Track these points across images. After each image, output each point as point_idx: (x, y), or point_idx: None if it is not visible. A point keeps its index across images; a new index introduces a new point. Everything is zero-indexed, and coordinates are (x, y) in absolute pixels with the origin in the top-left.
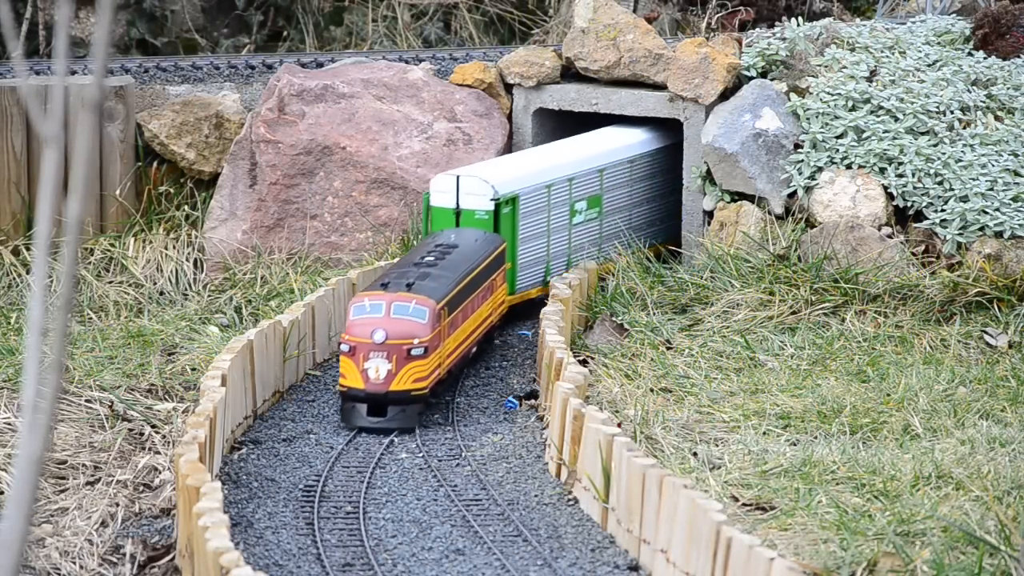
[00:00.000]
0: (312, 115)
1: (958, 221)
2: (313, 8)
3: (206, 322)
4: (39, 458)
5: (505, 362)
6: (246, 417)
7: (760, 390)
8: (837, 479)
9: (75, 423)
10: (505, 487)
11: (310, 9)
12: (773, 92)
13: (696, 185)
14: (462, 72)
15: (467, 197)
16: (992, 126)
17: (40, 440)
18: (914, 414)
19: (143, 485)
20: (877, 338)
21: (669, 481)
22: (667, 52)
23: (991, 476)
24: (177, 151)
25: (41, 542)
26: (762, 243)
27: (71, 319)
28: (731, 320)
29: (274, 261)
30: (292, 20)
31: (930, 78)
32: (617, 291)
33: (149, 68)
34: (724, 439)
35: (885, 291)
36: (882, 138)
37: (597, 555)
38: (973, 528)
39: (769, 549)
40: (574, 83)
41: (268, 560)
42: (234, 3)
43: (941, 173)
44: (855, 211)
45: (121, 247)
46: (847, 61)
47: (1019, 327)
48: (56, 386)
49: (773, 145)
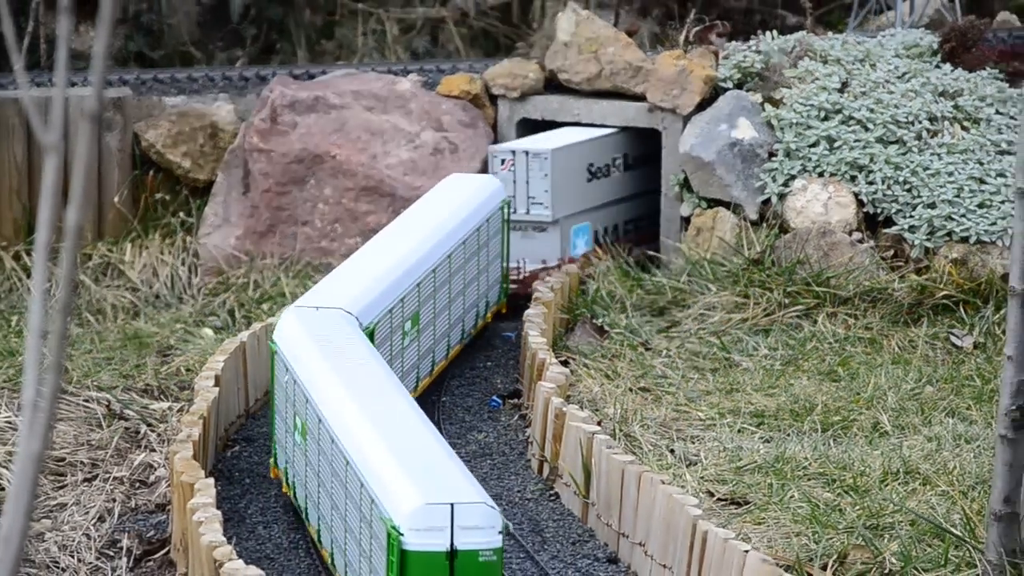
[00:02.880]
0: (304, 125)
1: (926, 227)
2: (305, 22)
3: (200, 325)
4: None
5: (489, 362)
6: (239, 416)
7: (735, 389)
8: (809, 475)
9: (73, 422)
10: (489, 483)
11: (302, 23)
12: (748, 103)
13: (674, 192)
14: (448, 84)
15: None
16: (959, 135)
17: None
18: (883, 412)
19: (139, 482)
20: (848, 339)
21: (647, 477)
22: (647, 64)
23: (957, 472)
24: (173, 160)
25: (41, 536)
26: (737, 248)
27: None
28: (707, 322)
29: (266, 266)
30: (284, 33)
31: (899, 89)
32: (597, 294)
33: (146, 80)
34: (700, 437)
35: (855, 294)
36: (853, 147)
37: (577, 548)
38: (939, 521)
39: (743, 542)
40: (557, 94)
41: (260, 553)
42: (229, 17)
43: (909, 181)
44: (827, 217)
45: (118, 252)
46: (820, 73)
47: (983, 329)
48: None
49: (748, 154)
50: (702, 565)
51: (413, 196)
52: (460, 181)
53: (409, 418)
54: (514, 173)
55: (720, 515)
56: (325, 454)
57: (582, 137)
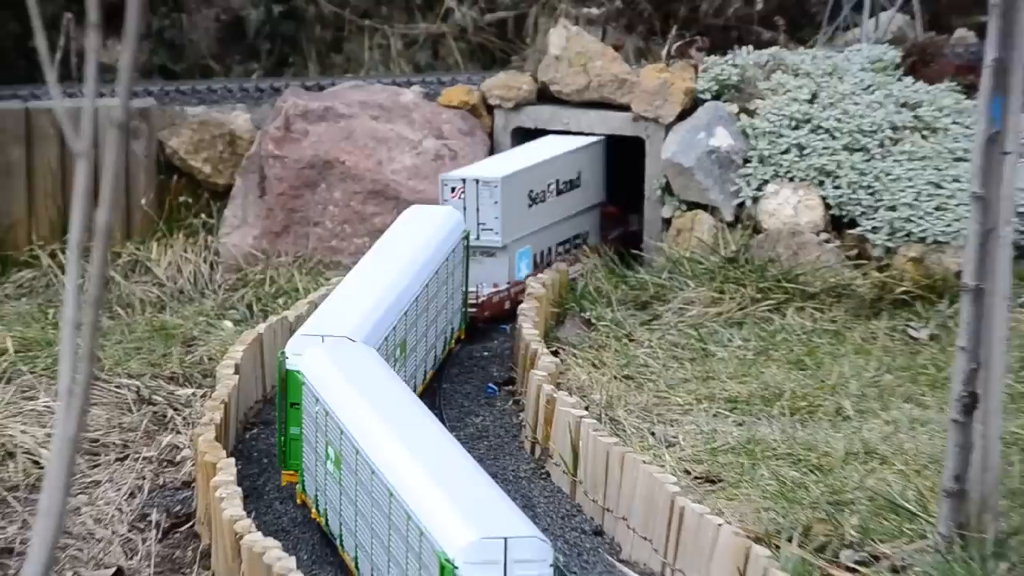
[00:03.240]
0: (315, 133)
1: (887, 228)
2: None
3: (221, 317)
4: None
5: (486, 352)
6: (257, 401)
7: (711, 377)
8: (777, 455)
9: (106, 406)
10: (486, 463)
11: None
12: (725, 113)
13: (656, 196)
14: (448, 95)
15: None
16: (918, 144)
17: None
18: (845, 398)
19: (166, 461)
20: (814, 331)
21: (630, 457)
22: (631, 77)
23: (912, 452)
24: (195, 165)
25: (77, 511)
26: (714, 247)
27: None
28: (686, 315)
29: (281, 263)
30: (297, 48)
31: (864, 101)
32: (585, 290)
33: (169, 91)
34: (678, 420)
35: (822, 290)
36: (821, 154)
37: (566, 521)
38: (895, 498)
39: (717, 517)
40: (548, 104)
41: (277, 527)
42: (245, 33)
43: (872, 185)
44: (796, 219)
45: (146, 251)
46: (791, 85)
47: (939, 322)
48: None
49: (725, 160)
50: (679, 537)
51: (416, 199)
52: (423, 213)
53: (449, 449)
54: (464, 201)
55: (696, 492)
56: (363, 484)
57: (528, 163)
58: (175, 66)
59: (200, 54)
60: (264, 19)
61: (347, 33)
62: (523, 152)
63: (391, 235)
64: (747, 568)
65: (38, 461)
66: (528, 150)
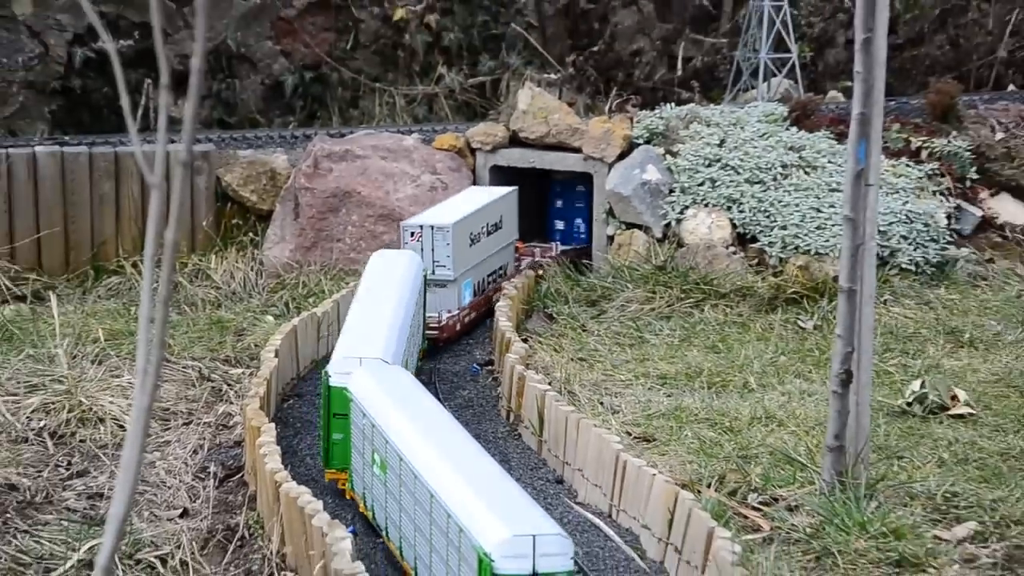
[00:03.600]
0: (337, 170)
1: (780, 243)
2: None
3: (264, 313)
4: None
5: (471, 340)
6: (292, 379)
7: (646, 359)
8: (698, 420)
9: (175, 382)
10: (471, 427)
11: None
12: (654, 154)
13: (602, 218)
14: (441, 140)
15: None
16: (802, 178)
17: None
18: (750, 375)
19: (222, 425)
20: (725, 323)
21: (584, 422)
22: (582, 126)
23: (802, 417)
24: (244, 195)
25: (152, 464)
26: (647, 258)
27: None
28: (626, 311)
29: (311, 271)
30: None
31: (761, 145)
32: (548, 291)
33: (225, 138)
34: (621, 393)
35: (731, 291)
36: (728, 186)
37: (534, 473)
38: (790, 452)
39: (652, 468)
40: (518, 147)
41: (307, 477)
42: (283, 93)
43: (768, 210)
44: (710, 236)
45: (206, 261)
46: (704, 133)
47: (821, 315)
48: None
49: (655, 191)
50: (623, 484)
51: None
52: (392, 256)
53: (480, 457)
54: (421, 242)
55: (635, 449)
56: (407, 486)
57: (468, 210)
58: (229, 119)
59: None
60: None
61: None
62: (461, 201)
63: (374, 275)
64: (675, 508)
65: (122, 425)
66: (464, 199)
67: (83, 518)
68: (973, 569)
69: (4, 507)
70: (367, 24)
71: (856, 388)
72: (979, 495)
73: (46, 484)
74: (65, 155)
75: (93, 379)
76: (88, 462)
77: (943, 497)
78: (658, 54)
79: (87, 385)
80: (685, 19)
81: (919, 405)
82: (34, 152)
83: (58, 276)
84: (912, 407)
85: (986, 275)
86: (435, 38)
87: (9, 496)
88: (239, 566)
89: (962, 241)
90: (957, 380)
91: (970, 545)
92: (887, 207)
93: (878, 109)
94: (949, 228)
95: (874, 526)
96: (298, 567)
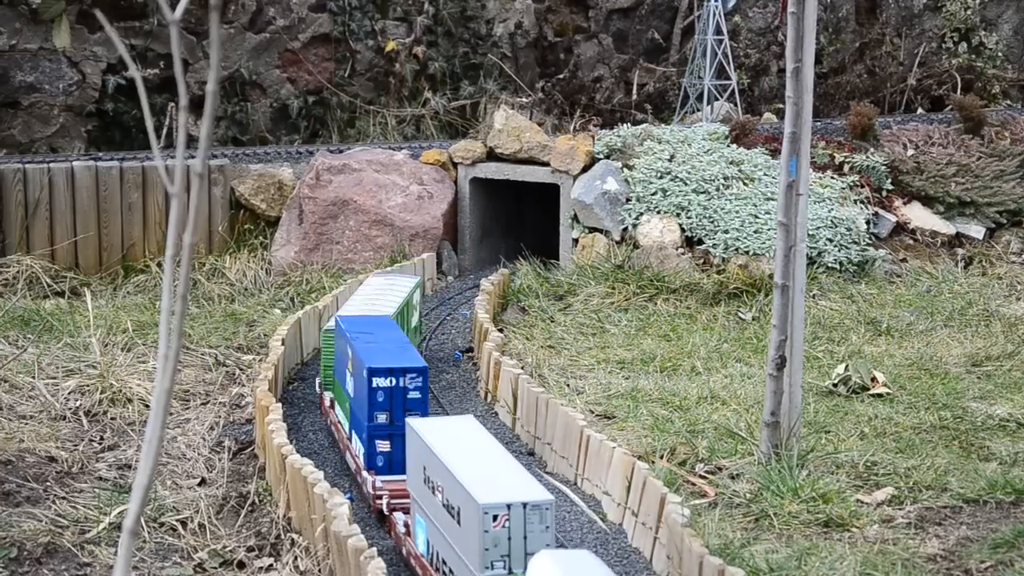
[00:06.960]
0: (336, 182)
1: (723, 245)
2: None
3: (272, 307)
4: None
5: (453, 330)
6: (296, 364)
7: (606, 346)
8: (652, 400)
9: (194, 367)
10: (454, 406)
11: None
12: (614, 167)
13: (568, 223)
14: (427, 155)
15: None
16: (742, 188)
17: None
18: (697, 360)
19: (235, 405)
20: (676, 315)
21: (552, 402)
22: (550, 143)
23: (743, 396)
24: (255, 203)
25: (174, 439)
26: (607, 258)
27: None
28: (589, 304)
29: (313, 270)
30: (324, 125)
31: (705, 160)
32: (521, 286)
33: (238, 154)
34: (585, 376)
35: (680, 287)
36: (678, 195)
37: (509, 446)
38: (732, 427)
39: (612, 442)
40: (494, 162)
41: (309, 450)
42: (289, 115)
43: (713, 216)
44: (662, 239)
45: (221, 262)
46: (656, 149)
47: (759, 308)
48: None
49: (614, 199)
50: (586, 455)
51: (405, 226)
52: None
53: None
54: None
55: (597, 425)
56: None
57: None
58: (242, 137)
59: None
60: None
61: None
62: (378, 292)
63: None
64: (632, 477)
65: (148, 405)
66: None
67: (113, 486)
68: (890, 528)
69: (45, 476)
70: (363, 55)
71: (789, 371)
72: (895, 464)
73: (81, 456)
74: (99, 169)
75: (122, 364)
76: (118, 437)
77: (864, 466)
78: (616, 81)
79: (117, 370)
80: (640, 51)
81: (844, 386)
82: (72, 167)
83: (92, 275)
84: (838, 388)
85: (900, 273)
86: (422, 67)
87: (49, 467)
88: (250, 528)
89: (879, 243)
90: (876, 364)
91: (887, 507)
92: (815, 214)
93: (807, 129)
94: (868, 232)
95: (805, 491)
96: (302, 529)
